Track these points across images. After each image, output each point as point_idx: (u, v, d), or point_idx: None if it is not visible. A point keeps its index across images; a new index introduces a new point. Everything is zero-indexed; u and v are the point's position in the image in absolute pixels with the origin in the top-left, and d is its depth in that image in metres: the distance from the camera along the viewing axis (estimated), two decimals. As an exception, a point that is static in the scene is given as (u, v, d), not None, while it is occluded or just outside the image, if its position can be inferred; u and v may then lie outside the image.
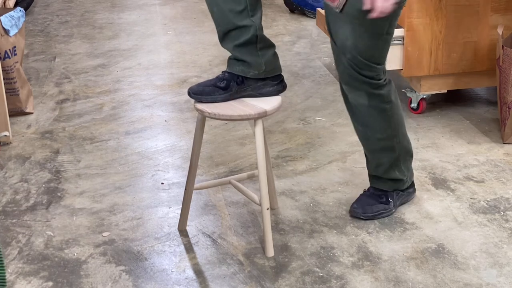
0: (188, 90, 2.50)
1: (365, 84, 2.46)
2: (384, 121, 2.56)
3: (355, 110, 2.55)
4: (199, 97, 2.47)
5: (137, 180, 3.07)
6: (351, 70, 2.43)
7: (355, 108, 2.54)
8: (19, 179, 3.10)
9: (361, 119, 2.57)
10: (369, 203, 2.70)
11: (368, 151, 2.68)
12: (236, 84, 2.50)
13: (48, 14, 5.94)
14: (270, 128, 3.53)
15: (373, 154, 2.67)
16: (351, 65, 2.42)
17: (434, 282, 2.32)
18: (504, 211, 2.73)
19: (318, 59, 4.58)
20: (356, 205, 2.71)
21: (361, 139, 2.66)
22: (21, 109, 3.76)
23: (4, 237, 2.66)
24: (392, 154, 2.65)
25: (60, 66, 4.57)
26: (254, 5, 2.44)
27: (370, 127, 2.57)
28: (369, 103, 2.50)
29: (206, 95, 2.47)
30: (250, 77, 2.51)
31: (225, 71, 2.54)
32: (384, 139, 2.60)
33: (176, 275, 2.42)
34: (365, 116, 2.55)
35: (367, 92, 2.47)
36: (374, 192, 2.73)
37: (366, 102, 2.50)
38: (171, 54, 4.79)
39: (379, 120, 2.55)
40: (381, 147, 2.63)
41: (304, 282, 2.35)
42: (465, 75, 3.59)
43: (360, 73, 2.43)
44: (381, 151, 2.64)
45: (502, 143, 3.29)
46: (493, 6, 3.47)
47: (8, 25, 3.58)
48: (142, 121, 3.69)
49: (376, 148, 2.64)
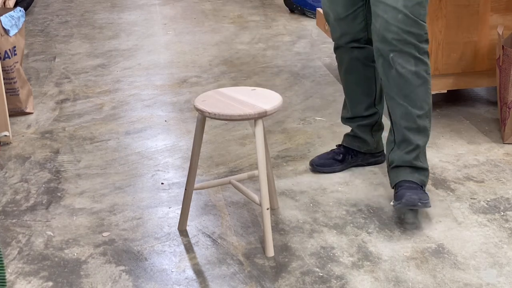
0: (310, 162, 3.07)
1: (413, 48, 2.58)
2: (424, 94, 2.65)
3: (399, 80, 2.61)
4: (322, 169, 3.04)
5: (137, 180, 3.07)
6: (401, 33, 2.55)
7: (401, 77, 2.60)
8: (19, 179, 3.10)
9: (404, 90, 2.62)
10: (419, 192, 2.62)
11: (406, 132, 2.67)
12: (351, 157, 3.06)
13: (48, 14, 5.94)
14: (270, 128, 3.53)
15: (410, 135, 2.67)
16: (401, 27, 2.55)
17: (434, 282, 2.32)
18: (504, 211, 2.73)
19: (318, 59, 4.58)
20: (410, 193, 2.59)
21: (398, 118, 2.67)
22: (21, 109, 3.76)
23: (4, 237, 2.66)
24: (426, 138, 2.71)
25: (60, 66, 4.57)
26: (380, 96, 2.97)
27: (411, 101, 2.63)
28: (416, 69, 2.60)
29: (327, 167, 3.04)
30: (363, 152, 3.06)
31: (340, 145, 3.10)
32: (421, 116, 2.65)
33: (176, 275, 2.42)
34: (410, 86, 2.61)
35: (414, 56, 2.59)
36: (411, 185, 2.65)
37: (413, 68, 2.60)
38: (171, 54, 4.79)
39: (421, 91, 2.63)
40: (418, 126, 2.67)
41: (304, 282, 2.35)
42: (465, 75, 3.59)
43: (410, 32, 2.56)
44: (417, 131, 2.68)
45: (502, 143, 3.29)
46: (493, 6, 3.48)
47: (8, 25, 3.58)
48: (142, 121, 3.70)
49: (413, 127, 2.66)
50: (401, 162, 2.71)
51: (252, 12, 5.89)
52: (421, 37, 2.60)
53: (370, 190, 2.90)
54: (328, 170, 3.03)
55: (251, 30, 5.32)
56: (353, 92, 2.98)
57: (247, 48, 4.88)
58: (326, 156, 3.07)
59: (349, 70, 2.94)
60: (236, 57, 4.68)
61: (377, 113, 2.99)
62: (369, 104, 2.97)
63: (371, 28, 2.66)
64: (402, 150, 2.70)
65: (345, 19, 2.83)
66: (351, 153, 3.06)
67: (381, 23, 2.58)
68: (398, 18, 2.55)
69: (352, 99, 2.99)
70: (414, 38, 2.58)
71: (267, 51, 4.77)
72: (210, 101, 2.51)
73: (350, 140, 3.06)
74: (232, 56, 4.71)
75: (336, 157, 3.05)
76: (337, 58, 2.98)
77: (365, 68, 2.92)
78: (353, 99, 2.99)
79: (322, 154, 3.09)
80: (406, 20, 2.55)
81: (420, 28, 2.59)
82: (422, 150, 2.71)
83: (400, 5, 2.55)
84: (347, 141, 3.07)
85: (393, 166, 2.73)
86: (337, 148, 3.09)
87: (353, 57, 2.90)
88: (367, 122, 2.99)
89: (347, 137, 3.08)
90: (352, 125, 3.04)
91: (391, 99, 2.67)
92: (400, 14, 2.55)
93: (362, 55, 2.90)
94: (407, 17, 2.55)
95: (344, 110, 3.08)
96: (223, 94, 2.57)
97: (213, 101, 2.51)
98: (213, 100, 2.52)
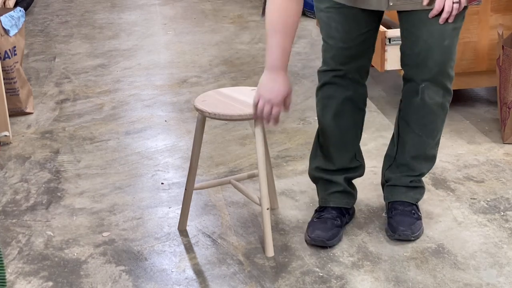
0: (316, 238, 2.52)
1: (448, 79, 2.45)
2: (441, 124, 2.54)
3: (423, 110, 2.48)
4: (332, 242, 2.52)
5: (137, 180, 3.07)
6: (443, 62, 2.39)
7: (426, 107, 2.48)
8: (19, 179, 3.10)
9: (425, 120, 2.50)
10: (411, 222, 2.56)
11: (412, 161, 2.57)
12: (344, 217, 2.62)
13: (48, 14, 5.94)
14: (270, 128, 3.53)
15: (416, 164, 2.58)
16: (446, 55, 2.38)
17: (434, 282, 2.32)
18: (504, 211, 2.73)
19: (318, 59, 4.57)
20: (403, 227, 2.53)
21: (409, 145, 2.56)
22: (21, 109, 3.76)
23: (4, 237, 2.66)
24: (432, 164, 2.63)
25: (60, 66, 4.57)
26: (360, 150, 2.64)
27: (428, 131, 2.52)
28: (442, 101, 2.48)
29: (336, 238, 2.54)
30: (350, 207, 2.66)
31: (323, 207, 2.62)
32: (433, 146, 2.57)
33: (176, 275, 2.42)
34: (432, 116, 2.50)
35: (445, 88, 2.46)
36: (404, 209, 2.60)
37: (441, 100, 2.47)
38: (171, 54, 4.79)
39: (439, 122, 2.53)
40: (428, 155, 2.58)
41: (304, 282, 2.35)
42: (465, 75, 3.58)
43: (451, 59, 2.42)
44: (425, 160, 2.59)
45: (502, 143, 3.29)
46: (493, 6, 3.47)
47: (8, 25, 3.58)
48: (142, 121, 3.70)
49: (422, 157, 2.57)
50: (398, 182, 2.62)
51: (252, 12, 5.89)
52: (454, 65, 2.46)
53: (370, 190, 2.90)
54: (337, 241, 2.55)
55: (251, 30, 5.32)
56: (340, 141, 2.57)
57: (247, 48, 4.88)
58: (327, 227, 2.55)
59: (339, 113, 2.52)
60: (236, 57, 4.68)
61: (361, 165, 2.65)
62: (352, 156, 2.61)
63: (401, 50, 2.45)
64: (402, 173, 2.61)
65: (355, 40, 2.42)
66: (344, 212, 2.62)
67: (423, 47, 2.36)
68: (444, 45, 2.36)
69: (338, 148, 2.58)
70: (450, 68, 2.43)
71: (267, 51, 4.77)
72: (210, 101, 2.51)
73: (338, 197, 2.62)
74: (232, 56, 4.71)
75: (336, 222, 2.57)
76: (322, 100, 2.54)
77: (357, 113, 2.56)
78: (339, 148, 2.58)
79: (318, 225, 2.55)
80: (451, 47, 2.38)
81: (455, 56, 2.44)
82: (424, 175, 2.65)
83: (449, 28, 2.33)
84: (335, 200, 2.61)
85: (389, 184, 2.65)
86: (328, 212, 2.60)
87: (347, 97, 2.50)
88: (351, 175, 2.63)
89: (333, 195, 2.62)
90: (336, 179, 2.60)
91: (407, 125, 2.54)
92: (447, 40, 2.35)
93: (358, 95, 2.53)
94: (452, 43, 2.37)
95: (317, 160, 2.63)
96: (223, 94, 2.57)
97: (213, 101, 2.51)
98: (213, 100, 2.52)
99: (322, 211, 2.61)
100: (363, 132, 2.63)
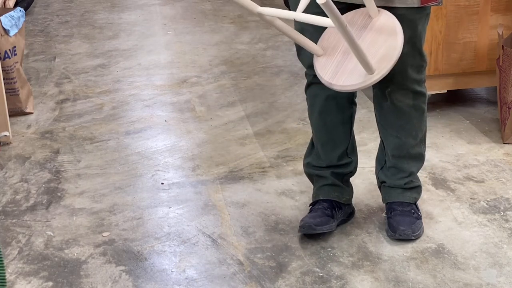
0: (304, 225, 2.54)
1: (415, 82, 2.44)
2: (419, 123, 2.53)
3: (394, 113, 2.50)
4: (322, 228, 2.53)
5: (137, 180, 3.07)
6: (403, 67, 2.37)
7: (396, 110, 2.49)
8: (19, 179, 3.10)
9: (399, 122, 2.51)
10: (411, 222, 2.57)
11: (398, 162, 2.59)
12: (336, 210, 2.61)
13: (48, 14, 5.94)
14: (270, 128, 3.53)
15: (403, 164, 2.59)
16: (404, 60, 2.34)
17: (434, 282, 2.32)
18: (504, 211, 2.73)
19: (318, 59, 4.58)
20: (403, 227, 2.53)
21: (391, 148, 2.58)
22: (21, 109, 3.76)
23: (4, 237, 2.66)
24: (421, 163, 2.63)
25: (60, 66, 4.57)
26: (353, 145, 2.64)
27: (406, 132, 2.52)
28: (414, 103, 2.48)
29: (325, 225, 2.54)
30: (343, 202, 2.64)
31: (315, 201, 2.64)
32: (415, 145, 2.56)
33: (176, 275, 2.42)
34: (406, 118, 2.50)
35: (414, 91, 2.46)
36: (404, 209, 2.61)
37: (411, 102, 2.47)
38: (171, 54, 4.79)
39: (416, 122, 2.52)
40: (412, 154, 2.58)
41: (304, 282, 2.35)
42: (465, 75, 3.59)
43: (413, 65, 2.40)
44: (411, 159, 2.59)
45: (502, 143, 3.29)
46: (493, 6, 3.47)
47: (8, 25, 3.58)
48: (142, 121, 3.70)
49: (407, 157, 2.58)
50: (392, 184, 2.63)
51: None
52: (422, 67, 2.45)
53: (370, 190, 2.90)
54: (327, 228, 2.55)
55: (251, 30, 5.32)
56: (326, 137, 2.60)
57: (247, 48, 4.88)
58: (316, 215, 2.57)
59: (323, 112, 2.56)
60: (236, 57, 4.68)
61: (352, 162, 2.65)
62: (342, 153, 2.61)
63: None
64: (394, 175, 2.62)
65: None
66: (335, 205, 2.61)
67: None
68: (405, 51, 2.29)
69: (325, 145, 2.60)
70: (415, 71, 2.43)
71: (267, 51, 4.77)
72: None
73: (327, 190, 2.63)
74: (232, 56, 4.71)
75: (326, 212, 2.58)
76: (309, 99, 2.61)
77: (343, 110, 2.57)
78: (326, 145, 2.60)
79: (309, 214, 2.61)
80: (411, 52, 2.36)
81: (422, 59, 2.43)
82: (415, 174, 2.64)
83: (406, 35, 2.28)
84: (324, 193, 2.63)
85: (385, 186, 2.66)
86: (319, 204, 2.62)
87: (330, 95, 2.51)
88: (341, 171, 2.64)
89: (322, 188, 2.65)
90: (324, 174, 2.64)
91: (384, 129, 2.57)
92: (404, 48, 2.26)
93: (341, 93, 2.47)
94: (413, 48, 2.37)
95: (310, 157, 2.67)
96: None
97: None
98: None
99: (314, 205, 2.65)
100: (363, 132, 2.63)
